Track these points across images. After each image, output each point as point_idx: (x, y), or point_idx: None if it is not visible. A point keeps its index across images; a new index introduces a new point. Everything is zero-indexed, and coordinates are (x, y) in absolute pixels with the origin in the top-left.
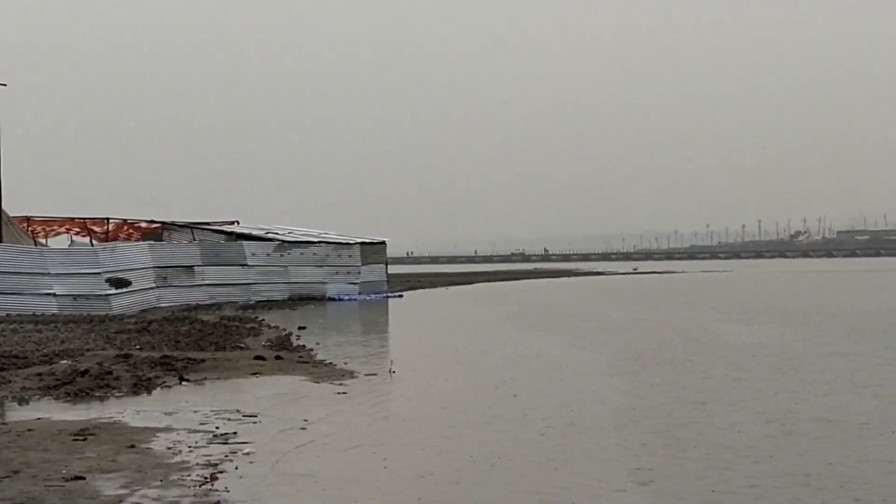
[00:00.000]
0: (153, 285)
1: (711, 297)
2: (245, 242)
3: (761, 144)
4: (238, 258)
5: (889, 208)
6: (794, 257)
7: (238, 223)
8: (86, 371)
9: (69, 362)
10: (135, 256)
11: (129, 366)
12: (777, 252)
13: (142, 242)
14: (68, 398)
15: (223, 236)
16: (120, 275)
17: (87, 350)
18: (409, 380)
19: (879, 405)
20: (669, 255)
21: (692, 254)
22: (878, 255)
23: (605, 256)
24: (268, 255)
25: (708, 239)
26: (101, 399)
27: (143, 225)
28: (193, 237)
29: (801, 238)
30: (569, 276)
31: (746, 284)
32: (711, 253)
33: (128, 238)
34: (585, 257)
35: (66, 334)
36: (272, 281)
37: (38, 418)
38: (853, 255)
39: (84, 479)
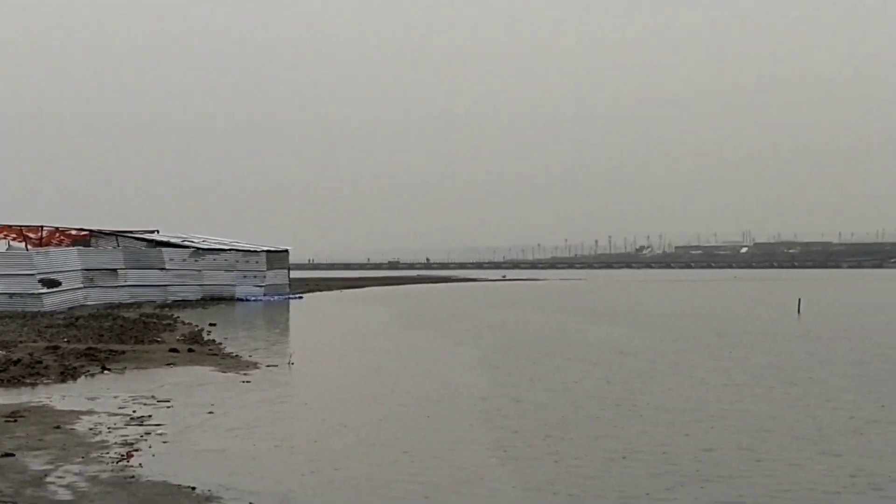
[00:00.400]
0: (81, 286)
1: (568, 301)
2: (164, 249)
3: (611, 169)
4: (157, 262)
5: (719, 228)
6: (638, 268)
7: (158, 232)
8: (18, 360)
9: (3, 353)
10: (65, 260)
11: (57, 356)
12: (624, 263)
13: (71, 248)
14: (1, 384)
15: (144, 243)
16: (51, 276)
17: (20, 342)
18: (306, 370)
19: (700, 393)
20: (534, 265)
21: (553, 264)
22: (709, 267)
23: (479, 265)
24: (184, 260)
25: (566, 251)
26: (32, 385)
27: (74, 232)
28: (118, 244)
29: (645, 252)
30: (447, 282)
31: (598, 291)
32: (569, 264)
33: (59, 244)
34: (462, 266)
35: (1, 328)
36: (187, 283)
37: None
38: (688, 267)
39: (14, 455)
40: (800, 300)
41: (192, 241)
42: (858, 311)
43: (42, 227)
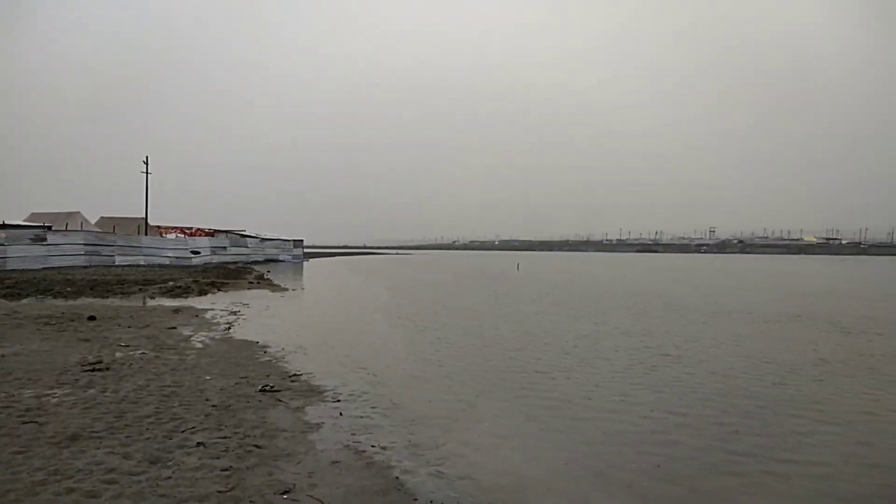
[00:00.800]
0: (210, 254)
1: (421, 263)
2: (247, 238)
3: (433, 197)
4: (244, 244)
5: (490, 230)
6: (453, 250)
7: (245, 230)
8: (179, 286)
9: (173, 283)
10: (202, 243)
11: (197, 284)
12: (447, 248)
13: (205, 237)
14: (171, 296)
15: (238, 236)
16: (195, 249)
17: (180, 279)
18: (309, 291)
19: (471, 299)
20: (412, 248)
21: (405, 247)
22: (484, 249)
23: (388, 247)
24: (257, 243)
25: (422, 241)
26: (185, 297)
27: (206, 230)
28: (227, 236)
29: (455, 243)
30: (373, 254)
31: (434, 261)
32: (411, 247)
33: (200, 235)
34: (380, 247)
35: (172, 272)
36: (258, 253)
37: (158, 304)
38: (475, 249)
39: (175, 328)
40: (518, 264)
41: (260, 235)
42: (542, 267)
43: (191, 227)
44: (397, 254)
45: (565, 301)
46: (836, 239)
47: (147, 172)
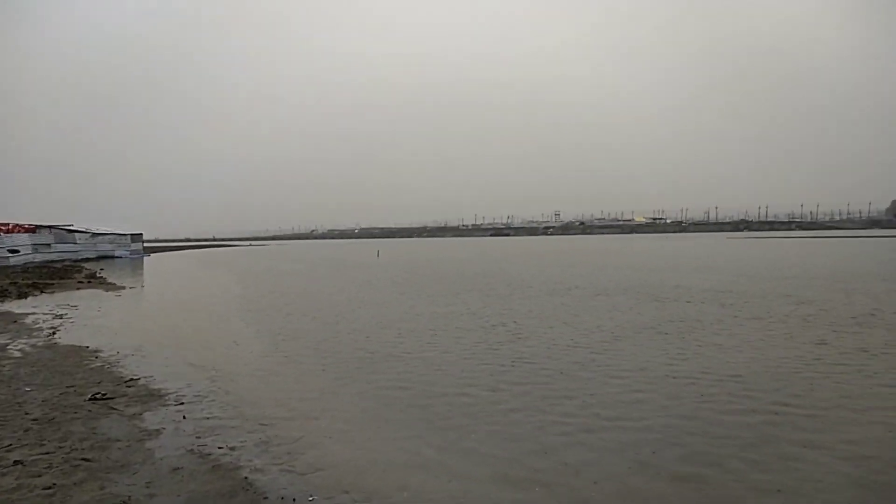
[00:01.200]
0: (31, 252)
1: (278, 253)
2: (76, 233)
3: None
4: (72, 240)
5: (376, 220)
6: (315, 239)
7: (73, 224)
8: None
9: None
10: (22, 239)
11: (16, 287)
12: (303, 238)
13: (25, 233)
14: None
15: (65, 231)
16: (14, 248)
17: None
18: (151, 288)
19: (330, 288)
20: (251, 238)
21: (260, 238)
22: (358, 238)
23: (241, 238)
24: (87, 238)
25: (289, 231)
26: (1, 301)
27: (27, 226)
28: (51, 231)
29: (356, 230)
30: (225, 246)
31: (285, 250)
32: (267, 237)
33: (18, 231)
34: (233, 238)
35: None
36: (89, 250)
37: None
38: (348, 237)
39: None
40: (378, 251)
41: (91, 229)
42: (402, 254)
43: (9, 223)
44: (251, 245)
45: (421, 285)
46: (661, 219)
47: None
